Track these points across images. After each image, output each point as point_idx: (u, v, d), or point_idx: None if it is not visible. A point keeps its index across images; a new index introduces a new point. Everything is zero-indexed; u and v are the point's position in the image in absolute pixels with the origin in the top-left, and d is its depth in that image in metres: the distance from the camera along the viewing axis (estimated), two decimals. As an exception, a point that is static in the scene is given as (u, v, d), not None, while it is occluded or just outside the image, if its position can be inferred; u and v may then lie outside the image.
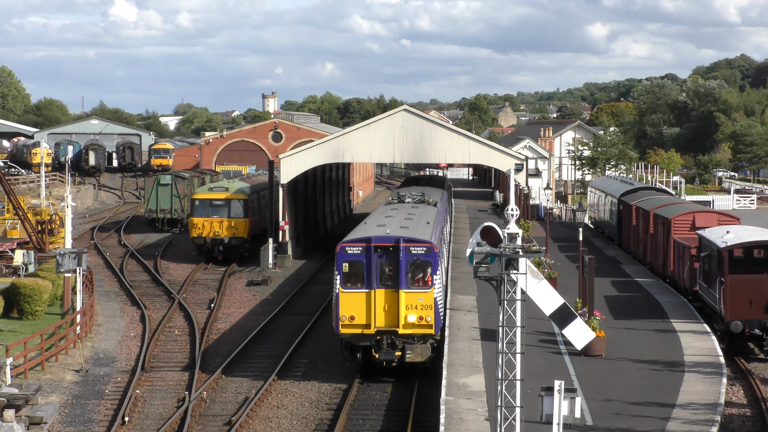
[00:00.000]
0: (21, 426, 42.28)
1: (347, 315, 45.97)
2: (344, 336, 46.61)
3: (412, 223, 52.51)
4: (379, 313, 46.01)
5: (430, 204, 64.96)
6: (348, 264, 46.31)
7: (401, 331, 45.85)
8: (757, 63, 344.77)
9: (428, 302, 45.81)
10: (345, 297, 46.12)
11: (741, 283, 49.89)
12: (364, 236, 47.35)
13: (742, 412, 42.66)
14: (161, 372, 52.19)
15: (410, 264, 46.09)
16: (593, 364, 43.63)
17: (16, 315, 59.98)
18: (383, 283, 46.17)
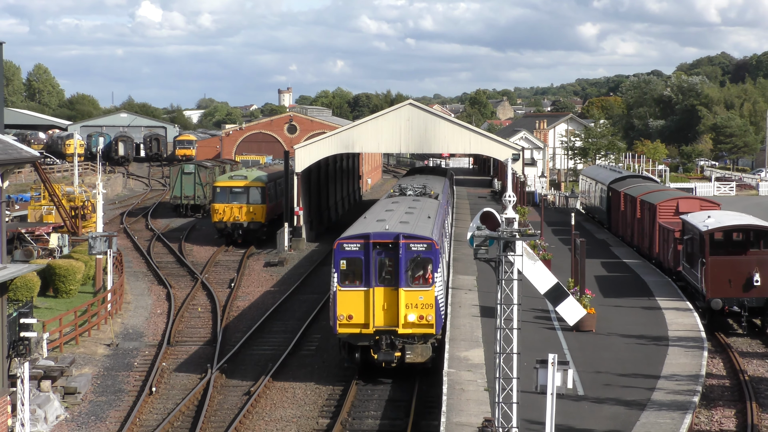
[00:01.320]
0: (57, 395, 42.37)
1: (345, 314, 41.78)
2: (342, 336, 42.48)
3: (412, 217, 48.09)
4: (378, 312, 41.88)
5: (432, 196, 60.84)
6: (346, 261, 42.12)
7: (401, 331, 41.67)
8: (736, 60, 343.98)
9: (429, 301, 41.59)
10: (343, 295, 41.91)
11: (721, 264, 49.92)
12: (362, 232, 42.99)
13: (722, 383, 42.68)
14: (186, 346, 52.28)
15: (410, 261, 41.81)
16: (584, 338, 43.64)
17: (51, 293, 60.08)
18: (382, 281, 41.96)
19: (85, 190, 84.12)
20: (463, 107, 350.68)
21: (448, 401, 34.26)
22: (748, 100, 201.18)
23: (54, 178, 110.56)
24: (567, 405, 32.59)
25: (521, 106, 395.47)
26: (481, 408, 33.35)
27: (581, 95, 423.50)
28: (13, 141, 37.69)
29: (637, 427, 32.37)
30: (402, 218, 47.21)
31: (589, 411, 33.84)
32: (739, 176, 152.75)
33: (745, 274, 49.51)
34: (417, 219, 47.67)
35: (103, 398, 43.99)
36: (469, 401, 34.43)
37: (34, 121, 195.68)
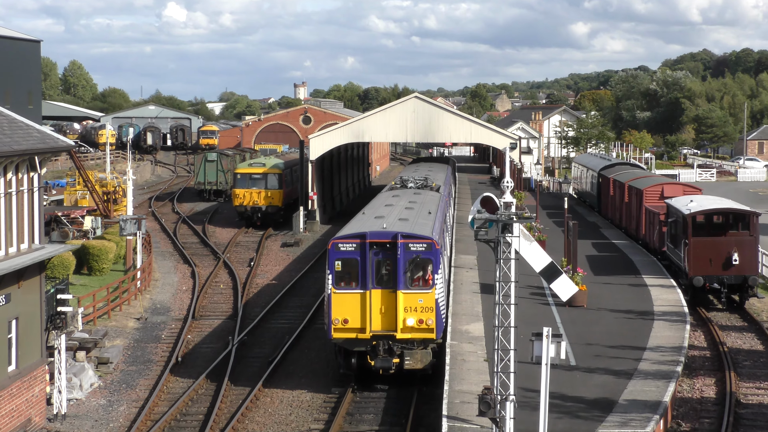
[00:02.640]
0: (91, 365, 42.49)
1: (340, 318, 37.07)
2: (337, 341, 37.67)
3: (412, 213, 43.57)
4: (375, 316, 37.17)
5: (433, 189, 56.40)
6: (341, 262, 37.41)
7: (399, 336, 36.90)
8: (716, 56, 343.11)
9: (429, 304, 36.93)
10: (338, 298, 37.19)
11: (702, 245, 49.95)
12: (358, 231, 38.15)
13: (703, 354, 42.71)
14: (209, 320, 52.36)
15: (409, 262, 37.04)
16: (576, 313, 43.64)
17: (86, 271, 60.19)
18: (380, 283, 37.22)
19: (116, 177, 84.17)
20: (465, 100, 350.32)
21: (451, 371, 34.31)
22: (728, 94, 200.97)
23: (88, 165, 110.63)
24: (560, 374, 32.61)
25: (518, 99, 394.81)
26: (481, 377, 33.40)
27: (574, 89, 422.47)
28: (50, 131, 37.69)
29: (624, 394, 32.38)
30: (401, 215, 42.80)
31: (580, 380, 33.86)
32: (719, 163, 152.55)
33: (725, 253, 49.57)
34: (417, 215, 43.16)
35: (133, 368, 44.11)
36: (470, 371, 34.47)
37: (69, 113, 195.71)
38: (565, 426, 29.25)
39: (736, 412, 34.95)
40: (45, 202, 57.89)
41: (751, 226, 50.73)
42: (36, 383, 35.95)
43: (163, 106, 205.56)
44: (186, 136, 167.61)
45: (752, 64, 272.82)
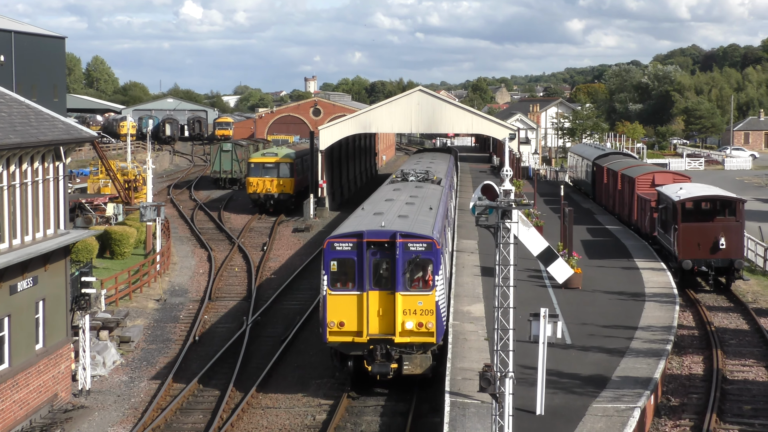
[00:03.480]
0: (113, 344, 42.60)
1: (336, 320, 33.97)
2: (333, 344, 34.57)
3: (413, 209, 40.36)
4: (373, 319, 34.06)
5: (434, 182, 53.31)
6: (337, 262, 34.20)
7: (398, 340, 33.89)
8: (705, 51, 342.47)
9: (429, 306, 33.84)
10: (333, 300, 34.09)
11: (691, 230, 49.94)
12: (355, 230, 34.70)
13: (691, 333, 42.72)
14: (225, 301, 52.43)
15: (408, 262, 33.83)
16: (572, 295, 43.64)
17: (108, 255, 60.28)
18: (377, 285, 34.07)
19: (136, 166, 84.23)
20: (466, 93, 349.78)
21: (453, 349, 34.33)
22: (716, 87, 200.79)
23: (110, 155, 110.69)
24: (556, 352, 32.65)
25: (517, 92, 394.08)
26: (482, 355, 33.43)
27: (569, 82, 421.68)
28: (74, 123, 37.72)
29: (617, 371, 32.39)
30: (401, 211, 39.44)
31: (575, 358, 33.88)
32: (707, 153, 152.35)
33: (712, 238, 49.58)
34: (417, 212, 39.87)
35: (153, 346, 44.20)
36: (471, 349, 34.49)
37: (92, 106, 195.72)
38: (561, 401, 29.28)
39: (722, 387, 34.98)
40: (69, 190, 57.98)
41: (737, 212, 50.75)
42: (62, 361, 36.05)
43: (180, 99, 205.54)
44: (202, 127, 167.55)
45: (738, 59, 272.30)
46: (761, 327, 43.27)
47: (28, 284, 33.17)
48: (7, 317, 31.98)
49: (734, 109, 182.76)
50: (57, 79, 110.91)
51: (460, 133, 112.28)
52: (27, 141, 31.93)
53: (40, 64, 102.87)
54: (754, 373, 37.16)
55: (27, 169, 32.92)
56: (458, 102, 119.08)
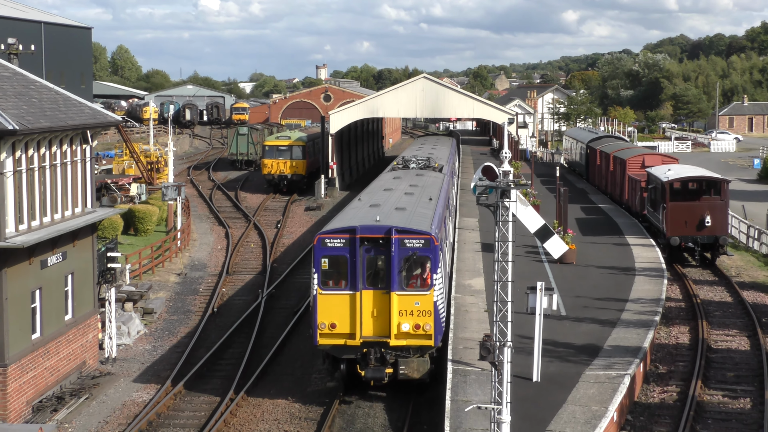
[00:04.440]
0: (137, 315, 42.72)
1: (327, 322, 30.13)
2: (324, 347, 30.69)
3: (412, 200, 36.57)
4: (366, 320, 30.24)
5: (436, 169, 49.92)
6: (328, 260, 30.25)
7: (393, 342, 30.07)
8: (692, 41, 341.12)
9: (426, 307, 30.00)
10: (324, 300, 30.19)
11: (678, 208, 49.93)
12: (347, 225, 30.72)
13: (678, 305, 42.74)
14: (241, 275, 52.50)
15: (404, 260, 30.00)
16: (566, 269, 43.66)
17: (132, 232, 60.36)
18: (371, 284, 30.27)
19: (158, 148, 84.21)
20: (468, 80, 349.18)
21: (455, 320, 34.38)
22: (702, 74, 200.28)
23: (133, 138, 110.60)
24: (552, 323, 32.69)
25: (515, 79, 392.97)
26: (482, 326, 33.48)
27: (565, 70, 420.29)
28: (100, 108, 37.73)
29: (609, 341, 32.44)
30: (399, 202, 35.59)
31: (570, 328, 33.93)
32: (694, 136, 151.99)
33: (698, 216, 49.58)
34: (416, 203, 36.09)
35: (175, 317, 44.31)
36: (472, 320, 34.55)
37: (117, 92, 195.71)
38: (557, 369, 29.33)
39: (707, 356, 35.04)
40: (96, 171, 57.99)
41: (721, 192, 50.73)
42: (89, 330, 36.17)
43: (199, 85, 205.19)
44: (220, 112, 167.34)
45: (723, 48, 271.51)
46: (744, 299, 43.29)
47: (58, 259, 33.25)
48: (39, 290, 32.09)
49: (719, 95, 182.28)
50: (84, 67, 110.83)
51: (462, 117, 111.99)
52: (56, 125, 31.95)
53: (68, 53, 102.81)
54: (736, 342, 37.20)
55: (56, 152, 32.95)
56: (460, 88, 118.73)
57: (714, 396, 31.26)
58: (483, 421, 24.57)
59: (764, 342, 36.76)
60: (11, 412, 30.21)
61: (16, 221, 30.36)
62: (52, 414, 31.59)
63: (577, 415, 25.86)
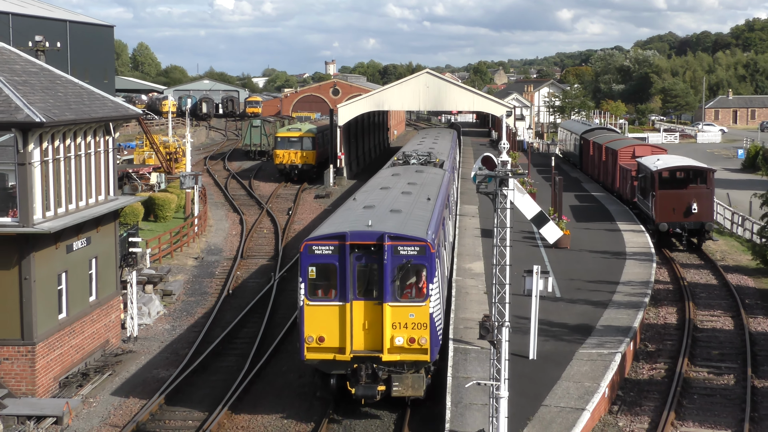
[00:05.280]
0: (157, 296, 42.79)
1: (315, 335, 26.49)
2: (311, 362, 27.06)
3: (409, 201, 32.60)
4: (357, 334, 26.52)
5: (436, 165, 46.17)
6: (316, 268, 26.64)
7: (386, 358, 26.38)
8: (680, 38, 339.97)
9: (422, 319, 26.26)
10: (312, 311, 26.53)
11: (667, 196, 49.90)
12: (336, 231, 26.87)
13: (666, 287, 42.75)
14: (254, 259, 52.54)
15: (398, 268, 26.24)
16: (561, 253, 43.67)
17: (152, 219, 60.39)
18: (363, 294, 26.54)
19: (177, 139, 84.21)
20: (468, 75, 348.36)
21: (456, 302, 34.40)
22: (689, 69, 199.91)
23: (153, 130, 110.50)
24: (547, 304, 32.71)
25: (513, 74, 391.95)
26: (481, 307, 33.51)
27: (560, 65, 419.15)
28: (122, 102, 37.73)
29: (601, 321, 32.45)
30: (395, 203, 31.73)
31: (564, 309, 33.94)
32: (682, 128, 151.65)
33: (686, 203, 49.58)
34: (414, 204, 32.22)
35: (192, 298, 44.38)
36: (472, 302, 34.57)
37: (137, 87, 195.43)
38: (552, 347, 29.35)
39: (693, 335, 35.05)
40: (118, 161, 58.03)
41: (707, 181, 50.71)
42: (112, 311, 36.24)
43: (215, 80, 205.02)
44: (235, 105, 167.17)
45: (710, 45, 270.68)
46: (728, 282, 43.29)
47: (83, 244, 33.30)
48: (65, 273, 32.15)
49: (706, 89, 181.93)
50: (106, 62, 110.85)
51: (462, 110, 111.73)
52: (80, 118, 31.96)
53: (91, 49, 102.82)
54: (721, 322, 37.22)
55: (81, 143, 32.97)
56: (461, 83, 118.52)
57: (700, 373, 31.28)
58: (482, 397, 24.61)
59: (747, 322, 36.78)
60: (39, 388, 30.31)
61: (44, 208, 30.40)
62: (77, 389, 31.68)
63: (570, 391, 25.89)
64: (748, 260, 49.06)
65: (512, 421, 21.49)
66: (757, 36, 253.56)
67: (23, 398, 29.71)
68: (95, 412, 29.80)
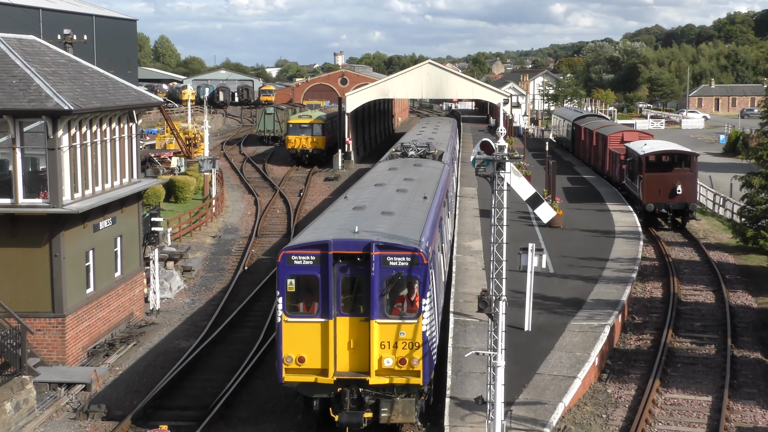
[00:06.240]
0: (178, 272, 42.85)
1: (294, 355, 21.94)
2: (290, 385, 22.38)
3: (404, 200, 28.01)
4: (342, 354, 21.97)
5: (435, 157, 42.05)
6: (295, 281, 21.95)
7: (373, 381, 21.86)
8: (666, 30, 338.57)
9: (414, 337, 21.75)
10: (291, 329, 21.94)
11: (653, 179, 49.83)
12: (318, 239, 22.11)
13: (653, 264, 42.74)
14: (268, 237, 52.58)
15: (387, 281, 21.68)
16: (554, 232, 43.65)
17: (173, 200, 60.41)
18: (348, 309, 21.95)
19: (195, 126, 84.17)
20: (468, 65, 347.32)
21: (456, 277, 34.43)
22: (674, 60, 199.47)
23: (173, 117, 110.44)
24: (541, 280, 32.72)
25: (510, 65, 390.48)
26: (480, 282, 33.54)
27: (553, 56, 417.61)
28: (144, 91, 37.69)
29: (591, 295, 32.46)
30: (388, 204, 26.91)
31: (557, 284, 33.95)
32: (667, 115, 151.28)
33: (671, 185, 49.50)
34: (408, 204, 27.48)
35: (210, 274, 44.44)
36: (471, 277, 34.60)
37: (159, 77, 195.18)
38: (545, 319, 29.39)
39: (677, 308, 35.07)
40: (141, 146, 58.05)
41: (691, 164, 50.64)
42: (136, 286, 36.31)
43: (231, 70, 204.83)
44: (249, 94, 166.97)
45: (694, 37, 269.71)
46: (710, 258, 43.27)
47: (108, 223, 33.34)
48: (92, 250, 32.21)
49: (690, 79, 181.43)
50: (130, 54, 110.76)
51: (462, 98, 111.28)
52: (106, 105, 31.95)
53: (116, 42, 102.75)
54: (703, 296, 37.22)
55: (106, 129, 32.97)
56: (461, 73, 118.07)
57: (683, 343, 31.31)
58: (480, 365, 24.67)
59: (727, 296, 36.79)
60: (69, 357, 30.43)
61: (72, 190, 30.43)
62: (104, 358, 31.80)
63: (563, 360, 25.94)
64: (728, 238, 49.02)
65: (509, 388, 21.54)
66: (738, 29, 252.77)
67: (54, 366, 29.84)
68: (121, 379, 29.92)
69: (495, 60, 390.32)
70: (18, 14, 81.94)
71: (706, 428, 23.90)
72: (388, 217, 24.57)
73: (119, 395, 28.41)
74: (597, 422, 24.12)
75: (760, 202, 44.57)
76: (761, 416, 24.81)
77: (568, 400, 23.84)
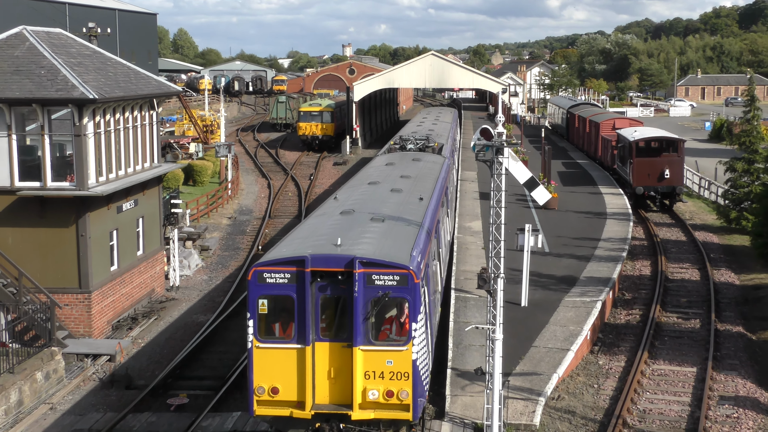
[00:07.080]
0: (196, 251, 42.92)
1: (266, 386, 17.60)
2: (263, 419, 18.48)
3: (398, 202, 23.44)
4: (321, 384, 17.59)
5: (435, 150, 37.44)
6: (267, 301, 17.56)
7: (356, 415, 17.51)
8: (655, 23, 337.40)
9: (402, 367, 17.47)
10: (263, 355, 17.59)
11: (643, 163, 49.74)
12: (294, 255, 17.58)
13: (642, 243, 42.71)
14: (281, 218, 52.61)
15: (372, 303, 17.29)
16: (550, 214, 43.63)
17: (191, 183, 60.46)
18: (328, 335, 17.57)
19: (212, 114, 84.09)
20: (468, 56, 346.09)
21: (457, 256, 34.46)
22: (663, 51, 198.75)
23: (192, 105, 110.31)
24: (537, 258, 32.75)
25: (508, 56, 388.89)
26: (479, 261, 33.58)
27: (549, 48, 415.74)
28: (164, 81, 37.66)
29: (584, 273, 32.47)
30: (381, 207, 22.28)
31: (552, 262, 33.97)
32: (656, 103, 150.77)
33: (659, 170, 49.43)
34: (402, 208, 22.71)
35: (227, 253, 44.51)
36: (471, 256, 34.62)
37: (178, 67, 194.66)
38: (541, 296, 29.41)
39: (665, 285, 35.07)
40: (161, 133, 58.01)
41: (679, 150, 50.53)
42: (157, 264, 36.40)
43: (246, 61, 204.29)
44: (263, 83, 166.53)
45: (681, 30, 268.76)
46: (695, 238, 43.23)
47: (131, 205, 33.39)
48: (116, 230, 32.28)
49: (677, 69, 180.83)
50: (150, 46, 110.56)
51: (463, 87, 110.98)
52: (128, 94, 31.95)
53: (137, 34, 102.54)
54: (689, 274, 37.21)
55: (128, 117, 32.97)
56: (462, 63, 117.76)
57: (670, 318, 31.33)
58: (480, 339, 24.73)
59: (711, 274, 36.78)
60: (95, 330, 30.56)
61: (97, 174, 30.48)
62: (127, 331, 31.92)
63: (557, 334, 25.99)
64: (713, 219, 48.97)
65: (506, 359, 21.60)
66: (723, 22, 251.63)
67: (81, 339, 29.97)
68: (143, 351, 30.04)
69: (494, 51, 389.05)
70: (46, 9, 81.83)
71: (691, 397, 23.96)
72: (377, 225, 20.23)
73: (141, 366, 28.53)
74: (589, 392, 24.18)
75: (742, 186, 44.54)
76: (742, 386, 24.85)
77: (562, 371, 23.90)
